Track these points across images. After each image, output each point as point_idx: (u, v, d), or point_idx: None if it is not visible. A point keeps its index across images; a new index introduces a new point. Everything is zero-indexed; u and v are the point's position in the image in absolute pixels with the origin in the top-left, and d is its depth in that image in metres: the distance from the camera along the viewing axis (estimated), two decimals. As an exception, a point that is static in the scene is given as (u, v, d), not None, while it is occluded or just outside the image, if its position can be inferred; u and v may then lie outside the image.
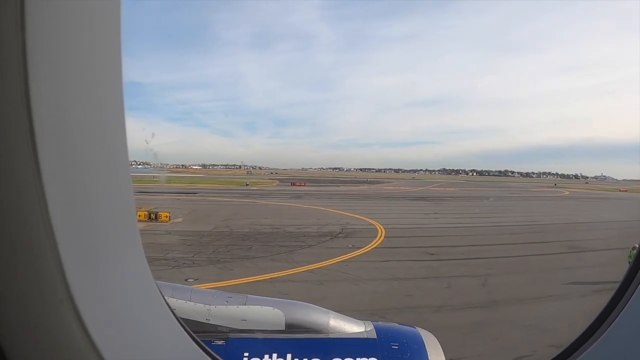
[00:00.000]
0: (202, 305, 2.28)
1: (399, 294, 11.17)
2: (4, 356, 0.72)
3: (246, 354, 2.12)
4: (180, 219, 26.15)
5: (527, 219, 30.59)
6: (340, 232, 22.11)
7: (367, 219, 27.34)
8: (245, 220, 25.91)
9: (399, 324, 2.67)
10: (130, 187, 0.87)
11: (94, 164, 0.75)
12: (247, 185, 73.84)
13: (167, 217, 25.26)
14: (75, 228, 0.72)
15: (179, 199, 38.93)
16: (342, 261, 15.13)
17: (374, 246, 18.36)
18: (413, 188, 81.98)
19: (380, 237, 20.86)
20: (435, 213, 33.61)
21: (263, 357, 2.11)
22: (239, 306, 2.34)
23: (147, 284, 0.99)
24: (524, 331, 8.85)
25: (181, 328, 1.14)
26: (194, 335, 1.18)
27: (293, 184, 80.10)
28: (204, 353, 1.17)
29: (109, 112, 0.78)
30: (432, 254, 16.78)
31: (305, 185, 79.26)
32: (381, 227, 24.02)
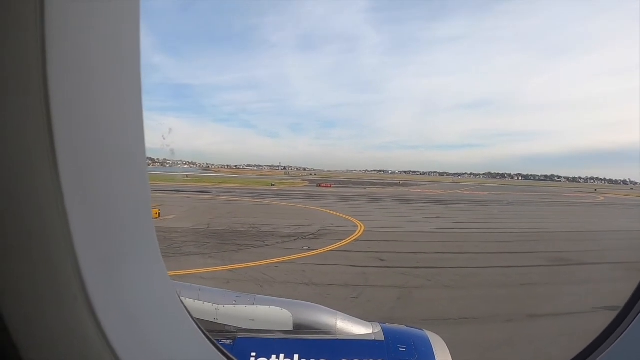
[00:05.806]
0: (210, 304, 2.31)
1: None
2: (17, 352, 0.70)
3: (254, 354, 2.13)
4: (172, 216, 27.06)
5: (534, 225, 27.22)
6: (313, 234, 21.34)
7: (356, 221, 26.20)
8: (231, 219, 26.13)
9: (407, 326, 2.67)
10: (147, 185, 0.86)
11: (111, 161, 0.75)
12: (272, 185, 75.20)
13: (157, 213, 26.32)
14: (92, 224, 0.71)
15: (188, 197, 40.68)
16: (277, 262, 14.46)
17: (329, 249, 17.35)
18: (440, 191, 77.38)
19: (349, 240, 19.78)
20: (436, 217, 31.18)
21: (270, 357, 2.12)
22: (247, 306, 2.36)
23: (163, 283, 0.98)
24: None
25: (197, 328, 1.13)
26: (209, 335, 1.17)
27: (319, 185, 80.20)
28: (219, 354, 1.17)
29: (127, 110, 0.78)
30: (383, 260, 15.38)
31: (331, 186, 78.83)
32: (362, 230, 22.85)
